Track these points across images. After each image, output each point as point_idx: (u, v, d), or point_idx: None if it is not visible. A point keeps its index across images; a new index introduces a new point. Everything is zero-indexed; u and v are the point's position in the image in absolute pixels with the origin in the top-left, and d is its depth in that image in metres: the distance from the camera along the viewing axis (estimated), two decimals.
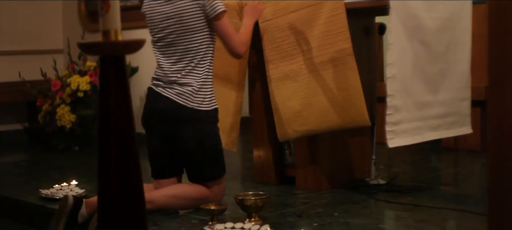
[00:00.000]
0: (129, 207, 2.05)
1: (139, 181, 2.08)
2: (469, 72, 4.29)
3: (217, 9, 3.66)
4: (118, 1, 2.00)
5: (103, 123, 2.06)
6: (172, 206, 3.73)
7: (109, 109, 2.06)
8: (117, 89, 2.06)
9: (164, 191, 3.74)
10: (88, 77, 6.38)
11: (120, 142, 2.05)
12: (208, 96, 3.70)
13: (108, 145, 2.06)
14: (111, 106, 2.06)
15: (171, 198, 3.72)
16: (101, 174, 2.06)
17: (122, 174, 2.05)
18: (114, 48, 2.01)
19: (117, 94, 2.06)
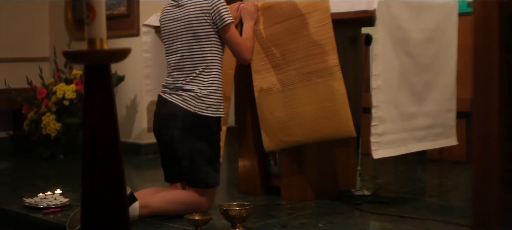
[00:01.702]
0: (112, 215, 2.04)
1: (122, 190, 2.08)
2: (454, 83, 4.31)
3: (225, 20, 3.76)
4: (104, 9, 2.00)
5: (87, 132, 2.06)
6: (167, 211, 3.77)
7: (93, 118, 2.05)
8: (102, 98, 2.06)
9: (160, 196, 3.79)
10: (74, 86, 6.35)
11: (104, 151, 2.05)
12: (214, 103, 3.76)
13: (92, 154, 2.05)
14: (96, 115, 2.05)
15: (166, 203, 3.76)
16: (84, 183, 2.05)
17: (106, 183, 2.04)
18: (99, 57, 2.00)
19: (102, 103, 2.05)
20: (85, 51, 1.99)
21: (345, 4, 3.83)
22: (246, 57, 3.92)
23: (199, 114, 3.72)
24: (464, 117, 5.24)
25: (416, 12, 3.99)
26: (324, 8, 3.85)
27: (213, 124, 3.78)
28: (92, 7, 1.97)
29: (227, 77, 4.30)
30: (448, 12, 4.27)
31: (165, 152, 3.89)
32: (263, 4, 4.11)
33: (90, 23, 1.99)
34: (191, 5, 3.82)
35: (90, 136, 2.05)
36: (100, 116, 2.05)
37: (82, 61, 2.06)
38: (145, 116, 5.45)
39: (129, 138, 6.69)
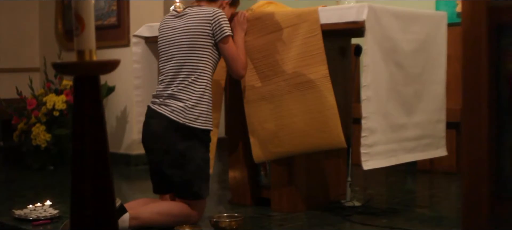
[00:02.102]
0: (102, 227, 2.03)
1: (111, 201, 2.07)
2: (444, 94, 4.32)
3: (225, 32, 3.77)
4: (93, 21, 2.00)
5: (76, 143, 2.05)
6: (157, 223, 3.76)
7: (82, 129, 2.05)
8: (91, 109, 2.05)
9: (150, 207, 3.78)
10: (64, 96, 6.34)
11: (93, 163, 2.04)
12: (203, 115, 3.75)
13: (81, 166, 2.05)
14: (85, 127, 2.05)
15: (156, 215, 3.75)
16: (74, 194, 2.05)
17: (95, 194, 2.04)
18: (89, 68, 2.00)
19: (91, 114, 2.05)
20: (74, 62, 1.99)
21: (335, 15, 3.84)
22: (241, 72, 3.93)
23: (187, 126, 3.71)
24: (454, 127, 5.25)
25: (405, 22, 4.00)
26: (314, 19, 3.86)
27: (202, 136, 3.78)
28: (81, 18, 1.97)
29: (218, 87, 4.30)
30: (437, 23, 4.28)
31: (154, 164, 3.88)
32: (252, 15, 4.12)
33: (79, 34, 1.98)
34: (193, 14, 3.84)
35: (79, 147, 2.05)
36: (89, 127, 2.05)
37: (71, 73, 2.06)
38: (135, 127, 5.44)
39: (120, 149, 6.68)
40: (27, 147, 6.47)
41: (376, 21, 3.76)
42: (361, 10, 3.70)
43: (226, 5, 3.97)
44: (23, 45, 7.59)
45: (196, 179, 3.78)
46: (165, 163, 3.77)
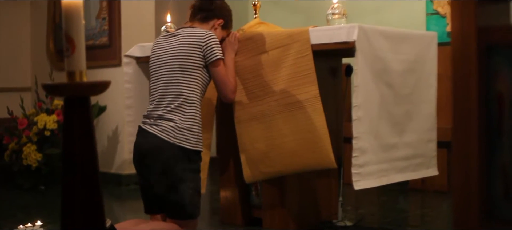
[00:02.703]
0: None
1: (102, 222, 2.07)
2: (435, 114, 4.33)
3: (215, 55, 3.78)
4: (84, 42, 2.00)
5: (67, 164, 2.05)
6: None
7: (73, 150, 2.05)
8: (82, 130, 2.05)
9: (141, 228, 3.75)
10: (55, 116, 6.33)
11: (84, 183, 2.04)
12: (193, 136, 3.74)
13: (71, 186, 2.04)
14: (75, 147, 2.05)
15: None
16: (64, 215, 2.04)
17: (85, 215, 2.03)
18: (79, 89, 2.00)
19: (81, 135, 2.05)
20: (65, 84, 1.99)
21: (325, 36, 3.84)
22: (230, 96, 3.94)
23: (178, 145, 3.70)
24: (445, 146, 5.26)
25: (395, 43, 4.01)
26: (305, 40, 3.87)
27: (193, 156, 3.77)
28: (72, 39, 1.97)
29: (209, 107, 4.30)
30: (428, 43, 4.29)
31: (145, 183, 3.87)
32: (243, 35, 4.13)
33: (70, 55, 1.98)
34: (185, 35, 3.84)
35: (69, 168, 2.05)
36: (79, 148, 2.05)
37: (62, 94, 2.06)
38: (127, 147, 5.43)
39: (111, 169, 6.67)
40: (18, 167, 6.45)
41: (367, 42, 3.77)
42: (351, 30, 3.71)
43: (218, 26, 3.98)
44: (14, 65, 7.58)
45: (188, 199, 3.76)
46: (156, 183, 3.76)
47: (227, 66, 3.95)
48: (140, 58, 4.66)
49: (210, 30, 3.88)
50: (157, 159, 3.71)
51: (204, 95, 3.88)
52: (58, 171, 6.38)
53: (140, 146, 3.81)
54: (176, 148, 3.69)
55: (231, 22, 4.10)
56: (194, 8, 4.01)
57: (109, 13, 6.75)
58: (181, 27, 3.98)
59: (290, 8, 7.45)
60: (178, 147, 3.69)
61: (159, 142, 3.70)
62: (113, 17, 6.71)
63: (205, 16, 3.96)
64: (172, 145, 3.69)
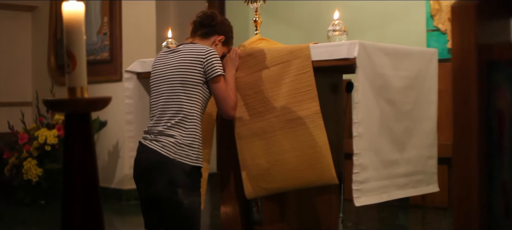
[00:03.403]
0: None
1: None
2: (435, 130, 4.33)
3: (216, 71, 3.77)
4: (85, 58, 2.01)
5: (67, 179, 2.05)
6: None
7: (73, 165, 2.05)
8: (82, 145, 2.05)
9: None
10: (56, 131, 6.34)
11: (84, 198, 2.04)
12: (194, 152, 3.73)
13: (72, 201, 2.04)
14: (76, 162, 2.05)
15: None
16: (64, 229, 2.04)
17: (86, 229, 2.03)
18: (80, 105, 2.01)
19: (81, 150, 2.05)
20: (65, 100, 1.99)
21: (326, 52, 3.85)
22: (230, 113, 3.93)
23: (178, 161, 3.70)
24: (446, 163, 5.26)
25: (396, 59, 4.01)
26: (305, 56, 3.87)
27: (193, 172, 3.77)
28: (73, 55, 1.98)
29: (209, 122, 4.30)
30: (428, 60, 4.30)
31: (145, 199, 3.86)
32: (244, 51, 4.13)
33: (71, 71, 1.99)
34: (186, 51, 3.85)
35: (69, 183, 2.05)
36: (80, 163, 2.05)
37: (63, 110, 2.07)
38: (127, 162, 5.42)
39: (111, 184, 6.67)
40: (18, 181, 6.45)
41: (367, 58, 3.77)
42: (352, 47, 3.71)
43: (219, 42, 3.99)
44: (15, 79, 7.60)
45: (188, 215, 3.76)
46: (156, 199, 3.76)
47: (227, 82, 3.95)
48: (141, 73, 4.66)
49: (211, 46, 3.89)
50: (158, 175, 3.71)
51: (204, 111, 3.88)
52: (58, 186, 6.38)
53: (140, 161, 3.81)
54: (176, 164, 3.69)
55: (232, 38, 4.11)
56: (195, 24, 4.02)
57: (110, 28, 6.76)
58: (182, 43, 3.98)
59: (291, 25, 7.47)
60: (179, 163, 3.69)
61: (160, 158, 3.70)
62: (114, 32, 6.72)
63: (206, 32, 3.97)
64: (173, 161, 3.68)
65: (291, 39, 6.48)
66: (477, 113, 2.10)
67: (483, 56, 2.09)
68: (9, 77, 7.51)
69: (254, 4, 4.46)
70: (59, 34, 7.37)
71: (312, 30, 7.13)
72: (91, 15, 6.87)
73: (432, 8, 6.36)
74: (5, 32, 7.60)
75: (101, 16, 6.87)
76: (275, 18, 7.37)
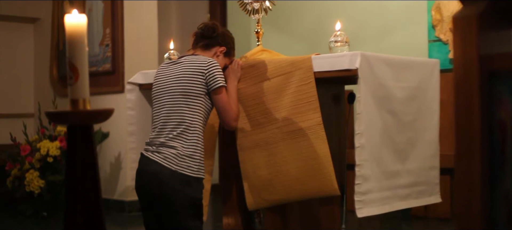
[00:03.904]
0: None
1: None
2: (437, 141, 4.33)
3: (218, 82, 3.77)
4: (87, 70, 2.01)
5: (69, 191, 2.05)
6: None
7: (75, 177, 2.05)
8: (84, 157, 2.06)
9: None
10: (58, 142, 6.34)
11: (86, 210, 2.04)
12: (196, 164, 3.73)
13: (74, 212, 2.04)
14: (78, 174, 2.05)
15: None
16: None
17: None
18: (82, 117, 2.01)
19: (84, 162, 2.06)
20: (68, 111, 2.00)
21: (328, 63, 3.85)
22: (232, 124, 3.93)
23: (180, 172, 3.70)
24: (448, 173, 5.25)
25: (398, 70, 4.01)
26: (307, 67, 3.88)
27: (195, 183, 3.76)
28: (75, 68, 1.98)
29: (211, 133, 4.30)
30: (430, 70, 4.30)
31: (147, 211, 3.86)
32: (246, 63, 4.14)
33: (73, 83, 2.00)
34: (187, 62, 3.85)
35: (71, 195, 2.05)
36: (82, 175, 2.05)
37: (65, 122, 2.07)
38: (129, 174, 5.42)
39: (113, 195, 6.66)
40: (21, 193, 6.45)
41: (369, 69, 3.77)
42: (354, 58, 3.71)
43: (221, 54, 3.99)
44: (18, 91, 7.61)
45: (190, 226, 3.76)
46: (158, 210, 3.76)
47: (229, 93, 3.95)
48: (143, 85, 4.67)
49: (212, 58, 3.90)
50: (159, 186, 3.71)
51: (206, 122, 3.88)
52: (60, 198, 6.38)
53: (142, 173, 3.81)
54: (178, 175, 3.69)
55: (233, 49, 4.11)
56: (196, 36, 4.02)
57: (112, 40, 6.78)
58: (183, 54, 3.99)
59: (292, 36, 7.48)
60: (180, 174, 3.69)
61: (161, 169, 3.70)
62: (116, 44, 6.74)
63: (207, 43, 3.97)
64: (174, 173, 3.69)
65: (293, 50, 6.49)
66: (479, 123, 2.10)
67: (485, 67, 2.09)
68: (12, 88, 7.52)
69: (256, 15, 4.47)
70: (62, 45, 7.39)
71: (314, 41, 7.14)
72: (93, 26, 6.89)
73: (434, 18, 6.37)
74: (8, 44, 7.62)
75: (103, 28, 6.88)
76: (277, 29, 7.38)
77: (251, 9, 4.46)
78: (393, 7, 6.75)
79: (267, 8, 4.43)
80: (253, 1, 4.44)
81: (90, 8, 7.07)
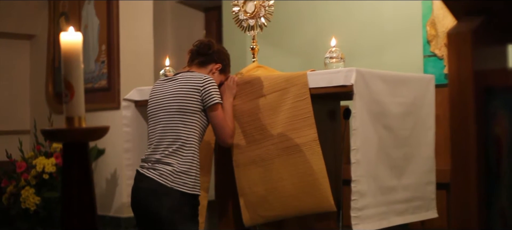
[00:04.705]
0: None
1: None
2: (433, 156, 4.33)
3: (214, 99, 3.78)
4: (83, 88, 2.01)
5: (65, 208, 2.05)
6: None
7: (71, 195, 2.05)
8: (80, 174, 2.06)
9: None
10: (54, 159, 6.33)
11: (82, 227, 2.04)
12: (191, 180, 3.73)
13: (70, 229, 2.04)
14: (74, 192, 2.05)
15: None
16: None
17: None
18: (78, 135, 2.01)
19: (79, 179, 2.06)
20: (63, 129, 2.00)
21: (323, 79, 3.86)
22: (228, 141, 3.94)
23: (176, 189, 3.69)
24: (444, 188, 5.25)
25: (393, 86, 4.02)
26: (303, 83, 3.88)
27: (191, 200, 3.76)
28: (71, 85, 1.98)
29: (208, 150, 4.30)
30: (425, 86, 4.31)
31: (143, 227, 3.86)
32: (242, 79, 4.14)
33: (69, 101, 2.00)
34: (183, 79, 3.86)
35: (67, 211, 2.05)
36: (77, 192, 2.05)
37: (61, 140, 2.07)
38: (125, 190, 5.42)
39: (109, 212, 6.65)
40: (16, 210, 6.43)
41: (364, 85, 3.78)
42: (349, 74, 3.72)
43: (216, 70, 4.00)
44: (13, 108, 7.60)
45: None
46: (154, 227, 3.75)
47: (225, 110, 3.96)
48: (138, 101, 4.67)
49: (208, 75, 3.90)
50: (155, 203, 3.70)
51: (202, 139, 3.88)
52: (56, 215, 6.36)
53: (138, 190, 3.81)
54: (174, 192, 3.68)
55: (229, 66, 4.12)
56: (192, 53, 4.03)
57: (108, 56, 6.78)
58: (179, 71, 3.99)
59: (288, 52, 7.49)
60: (176, 191, 3.69)
61: (157, 186, 3.70)
62: (112, 60, 6.74)
63: (203, 60, 3.98)
64: (170, 189, 3.68)
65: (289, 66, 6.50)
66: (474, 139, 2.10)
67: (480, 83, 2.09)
68: (7, 105, 7.52)
69: (251, 31, 4.49)
70: (57, 62, 7.38)
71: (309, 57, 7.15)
72: (89, 43, 6.90)
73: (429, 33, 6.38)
74: (4, 60, 7.62)
75: (99, 44, 6.89)
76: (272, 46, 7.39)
77: (247, 25, 4.48)
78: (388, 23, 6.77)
79: (262, 25, 4.44)
80: (249, 18, 4.45)
81: (86, 25, 7.09)
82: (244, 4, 4.48)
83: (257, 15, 4.44)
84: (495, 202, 2.04)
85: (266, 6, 4.43)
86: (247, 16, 4.46)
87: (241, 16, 4.49)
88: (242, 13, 4.48)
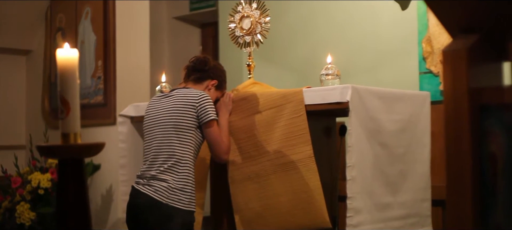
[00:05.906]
0: None
1: None
2: (429, 173, 4.33)
3: (209, 116, 3.79)
4: (78, 104, 2.02)
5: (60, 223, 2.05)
6: None
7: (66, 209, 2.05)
8: (75, 190, 2.06)
9: None
10: (50, 174, 6.31)
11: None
12: (187, 197, 3.73)
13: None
14: (69, 207, 2.05)
15: None
16: None
17: None
18: (73, 151, 2.02)
19: (75, 195, 2.06)
20: (59, 146, 2.00)
21: (319, 96, 3.87)
22: (223, 157, 3.94)
23: (171, 206, 3.69)
24: (440, 205, 5.24)
25: (388, 103, 4.03)
26: (298, 100, 3.89)
27: (186, 216, 3.76)
28: (67, 102, 1.99)
29: (203, 166, 4.30)
30: (421, 103, 4.32)
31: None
32: (237, 96, 4.15)
33: (65, 117, 2.00)
34: (179, 96, 3.86)
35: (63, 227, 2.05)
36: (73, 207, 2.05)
37: (56, 156, 2.08)
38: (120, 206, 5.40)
39: (105, 228, 6.63)
40: (11, 225, 6.41)
41: (360, 102, 3.78)
42: (344, 91, 3.73)
43: (212, 87, 4.01)
44: (9, 123, 7.58)
45: None
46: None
47: (221, 126, 3.96)
48: (134, 117, 4.67)
49: (204, 91, 3.91)
50: (150, 219, 3.70)
51: (197, 155, 3.88)
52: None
53: (133, 206, 3.80)
54: (169, 208, 3.68)
55: (225, 82, 4.12)
56: (188, 69, 4.04)
57: (104, 72, 6.79)
58: (175, 88, 4.00)
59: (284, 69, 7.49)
60: (171, 208, 3.68)
61: (152, 202, 3.69)
62: (108, 76, 6.74)
63: (199, 77, 3.99)
64: (165, 206, 3.68)
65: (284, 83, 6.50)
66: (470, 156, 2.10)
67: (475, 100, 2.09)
68: (3, 120, 7.50)
69: (247, 48, 4.50)
70: (53, 77, 7.37)
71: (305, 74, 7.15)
72: (85, 58, 6.90)
73: (424, 50, 6.39)
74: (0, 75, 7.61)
75: (95, 60, 6.89)
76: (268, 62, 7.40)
77: (243, 42, 4.49)
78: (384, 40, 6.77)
79: (258, 41, 4.46)
80: (245, 34, 4.46)
81: (82, 40, 7.09)
82: (240, 20, 4.49)
83: (253, 31, 4.45)
84: (490, 219, 2.05)
85: (262, 22, 4.44)
86: (244, 32, 4.47)
87: (238, 32, 4.50)
88: (239, 30, 4.50)
